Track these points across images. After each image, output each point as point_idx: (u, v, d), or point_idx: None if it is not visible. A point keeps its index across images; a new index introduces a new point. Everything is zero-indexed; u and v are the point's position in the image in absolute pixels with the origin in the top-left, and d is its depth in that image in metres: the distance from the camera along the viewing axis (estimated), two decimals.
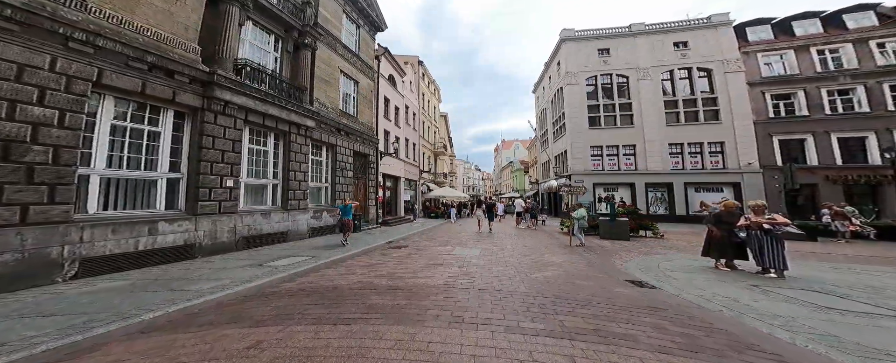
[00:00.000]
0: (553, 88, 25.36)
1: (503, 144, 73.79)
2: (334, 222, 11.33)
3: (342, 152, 12.34)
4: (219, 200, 7.09)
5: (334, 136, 11.81)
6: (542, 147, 30.23)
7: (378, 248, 8.40)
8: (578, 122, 20.52)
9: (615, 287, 4.55)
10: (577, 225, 8.87)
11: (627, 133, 19.63)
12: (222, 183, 7.17)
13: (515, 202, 16.45)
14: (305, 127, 9.74)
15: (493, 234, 11.76)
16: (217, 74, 6.91)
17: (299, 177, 9.55)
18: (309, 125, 9.82)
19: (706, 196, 18.07)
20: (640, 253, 7.97)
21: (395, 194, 20.50)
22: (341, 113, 12.64)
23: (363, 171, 14.91)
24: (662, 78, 19.91)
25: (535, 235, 11.82)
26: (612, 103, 20.46)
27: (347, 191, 12.62)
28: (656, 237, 10.99)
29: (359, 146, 13.95)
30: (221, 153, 7.18)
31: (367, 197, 14.93)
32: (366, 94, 15.24)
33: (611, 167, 19.83)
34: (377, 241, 9.62)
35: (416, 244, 9.22)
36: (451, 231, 13.38)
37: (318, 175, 11.29)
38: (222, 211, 7.16)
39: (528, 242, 9.81)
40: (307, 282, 4.73)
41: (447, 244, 9.13)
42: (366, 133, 14.72)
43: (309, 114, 9.76)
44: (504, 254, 7.49)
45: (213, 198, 6.96)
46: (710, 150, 18.30)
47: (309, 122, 9.79)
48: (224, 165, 7.23)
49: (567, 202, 15.68)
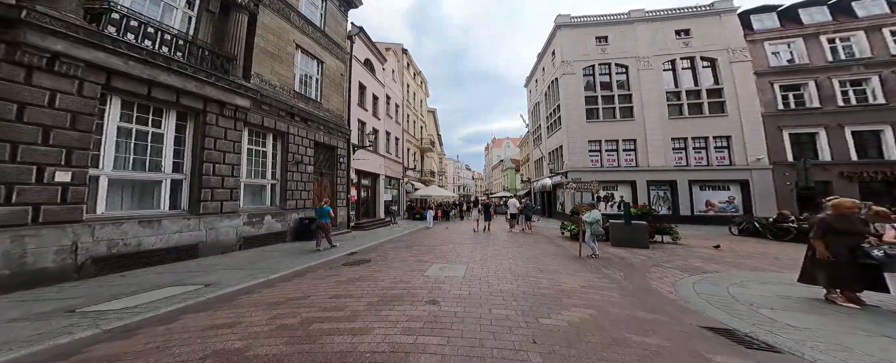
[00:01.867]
0: (547, 80, 23.68)
1: (494, 143, 72.29)
2: (283, 228, 9.01)
3: (298, 142, 10.03)
4: (33, 203, 4.51)
5: (286, 121, 9.50)
6: (534, 143, 28.56)
7: (327, 265, 6.20)
8: (575, 115, 18.82)
9: (703, 349, 2.56)
10: (590, 231, 6.95)
11: (628, 126, 18.06)
12: (43, 177, 4.62)
13: (508, 202, 14.54)
14: (234, 106, 7.40)
15: (489, 237, 9.78)
16: (33, 11, 4.44)
17: (222, 170, 7.20)
18: (240, 104, 7.49)
19: (712, 195, 16.71)
20: (677, 268, 6.09)
21: (374, 194, 18.23)
22: (297, 95, 10.33)
23: (329, 165, 12.61)
24: (664, 68, 18.46)
25: (533, 241, 9.87)
26: (611, 94, 18.87)
27: (306, 190, 10.31)
28: (676, 243, 9.23)
29: (323, 136, 11.65)
30: (44, 130, 4.64)
31: (335, 196, 12.64)
32: (334, 77, 12.96)
33: (610, 163, 18.20)
34: (334, 253, 7.41)
35: (383, 257, 7.07)
36: (432, 237, 11.25)
37: (260, 169, 8.94)
38: (44, 220, 4.60)
39: (528, 252, 7.83)
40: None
41: (424, 256, 7.03)
42: (333, 122, 12.43)
43: (240, 90, 7.43)
44: (498, 272, 5.44)
45: (22, 201, 4.41)
46: (716, 146, 16.91)
47: (240, 101, 7.46)
48: (51, 150, 4.70)
49: (576, 203, 13.83)
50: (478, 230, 13.09)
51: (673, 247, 8.76)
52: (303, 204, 10.15)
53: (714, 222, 15.34)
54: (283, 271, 5.55)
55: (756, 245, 9.31)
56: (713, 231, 12.78)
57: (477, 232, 12.57)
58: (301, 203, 10.03)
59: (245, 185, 8.20)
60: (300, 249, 7.93)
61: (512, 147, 62.49)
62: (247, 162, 8.27)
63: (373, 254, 7.61)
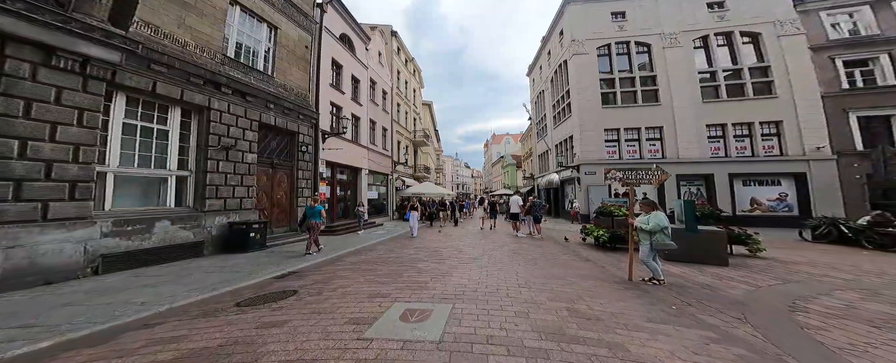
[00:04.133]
0: (554, 64, 20.96)
1: (493, 139, 69.51)
2: (197, 237, 6.35)
3: (228, 121, 7.36)
4: None
5: (206, 93, 6.82)
6: (539, 136, 25.84)
7: (229, 298, 3.55)
8: (588, 100, 16.09)
9: None
10: (651, 244, 4.27)
11: (652, 112, 15.33)
12: None
13: (511, 200, 11.81)
14: (79, 56, 4.67)
15: (488, 245, 7.07)
16: None
17: (46, 152, 4.46)
18: (93, 56, 4.72)
19: (759, 191, 13.98)
20: (833, 309, 3.39)
21: (355, 191, 15.57)
22: (229, 61, 7.67)
23: (287, 155, 9.97)
24: (695, 45, 15.72)
25: (550, 252, 7.17)
26: (631, 76, 16.15)
27: (243, 185, 7.65)
28: (758, 256, 6.50)
29: (276, 118, 9.03)
30: None
31: (295, 193, 10.00)
32: (295, 48, 10.33)
33: (631, 155, 15.48)
34: (255, 275, 4.77)
35: (325, 284, 4.40)
36: (414, 247, 8.57)
37: (157, 156, 6.19)
38: None
39: (548, 271, 5.13)
40: None
41: (386, 285, 4.35)
42: (292, 101, 9.80)
43: (97, 35, 4.71)
44: (508, 326, 2.80)
45: None
46: (764, 132, 14.15)
47: (93, 51, 4.69)
48: None
49: (604, 202, 10.94)
50: (484, 228, 13.21)
51: (756, 261, 6.04)
52: (239, 203, 7.50)
53: (760, 223, 12.59)
54: (116, 320, 2.90)
55: (854, 257, 6.62)
56: (769, 236, 10.06)
57: (483, 230, 12.68)
58: (235, 202, 7.38)
59: (116, 177, 5.46)
60: (217, 266, 5.31)
61: (512, 143, 59.83)
62: (122, 143, 5.54)
63: (316, 275, 4.95)
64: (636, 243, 4.54)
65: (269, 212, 9.02)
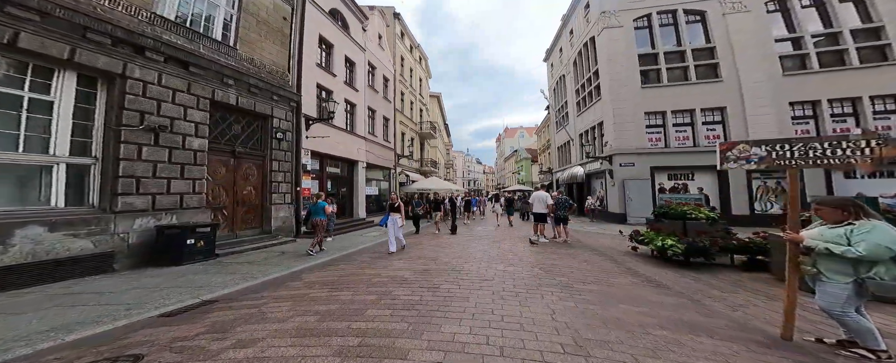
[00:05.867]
0: (577, 44, 18.37)
1: (506, 133, 66.56)
2: (100, 248, 4.63)
3: (159, 96, 5.61)
4: None
5: (116, 55, 5.04)
6: (558, 125, 23.32)
7: None
8: (624, 80, 13.54)
9: None
10: (860, 282, 2.08)
11: (710, 91, 12.61)
12: None
13: (535, 196, 8.80)
14: None
15: (507, 256, 4.99)
16: None
17: None
18: None
19: (871, 185, 10.81)
20: None
21: (351, 186, 13.84)
22: (162, 21, 5.89)
23: (257, 143, 8.25)
24: (769, 9, 12.84)
25: (594, 269, 4.96)
26: (680, 50, 13.43)
27: (185, 178, 5.93)
28: None
29: (238, 96, 7.31)
30: None
31: (267, 188, 8.28)
32: (268, 18, 8.60)
33: (681, 141, 12.86)
34: (137, 310, 2.95)
35: (223, 337, 2.48)
36: (396, 264, 6.58)
37: (34, 137, 4.42)
38: None
39: (609, 311, 2.93)
40: None
41: (330, 339, 2.38)
42: (262, 79, 8.07)
43: None
44: None
45: None
46: (878, 109, 11.05)
47: None
48: None
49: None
50: (501, 224, 12.63)
51: None
52: (178, 201, 5.79)
53: None
54: None
55: None
56: None
57: (499, 226, 12.20)
58: (170, 200, 5.66)
59: None
60: (106, 290, 3.56)
61: (526, 136, 56.96)
62: None
63: (225, 312, 3.06)
64: (810, 277, 2.36)
65: (230, 211, 7.32)
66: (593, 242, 8.38)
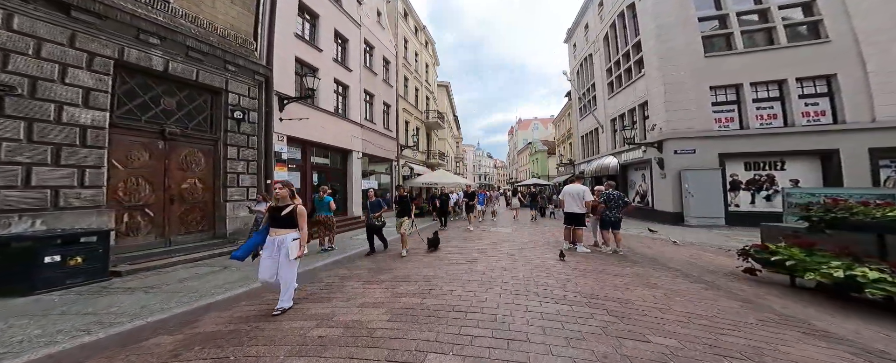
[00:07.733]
0: (609, 15, 15.62)
1: (519, 125, 63.36)
2: None
3: (11, 44, 3.70)
4: None
5: None
6: (582, 112, 20.68)
7: None
8: (680, 49, 10.81)
9: None
10: None
11: (808, 55, 9.73)
12: None
13: (567, 190, 6.25)
14: None
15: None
16: None
17: None
18: None
19: None
20: None
21: (344, 180, 11.91)
22: None
23: (205, 123, 6.34)
24: None
25: (752, 327, 2.69)
26: (761, 7, 10.58)
27: (60, 166, 4.03)
28: None
29: (171, 62, 5.39)
30: None
31: (221, 179, 6.39)
32: None
33: (763, 121, 10.10)
34: None
35: None
36: (350, 308, 4.41)
37: None
38: None
39: None
40: None
41: None
42: (211, 42, 6.15)
43: None
44: None
45: None
46: None
47: None
48: None
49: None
50: (518, 219, 12.09)
51: None
52: (50, 198, 3.92)
53: None
54: None
55: None
56: None
57: (517, 220, 11.73)
58: (34, 198, 3.78)
59: None
60: None
61: (541, 128, 53.86)
62: None
63: None
64: None
65: (159, 211, 5.44)
66: (651, 251, 6.07)
